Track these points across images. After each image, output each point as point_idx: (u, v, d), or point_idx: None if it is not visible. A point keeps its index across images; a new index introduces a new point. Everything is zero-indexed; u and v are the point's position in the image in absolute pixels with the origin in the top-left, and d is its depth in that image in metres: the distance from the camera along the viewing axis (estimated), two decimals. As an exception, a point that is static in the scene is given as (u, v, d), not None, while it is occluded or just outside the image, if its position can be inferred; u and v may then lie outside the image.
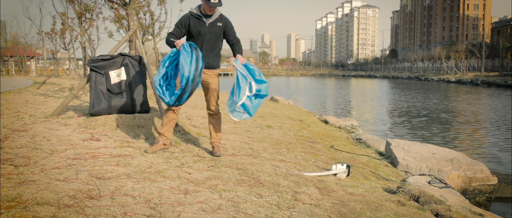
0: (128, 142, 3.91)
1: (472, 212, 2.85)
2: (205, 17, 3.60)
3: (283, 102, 11.87)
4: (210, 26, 3.62)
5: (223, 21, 3.68)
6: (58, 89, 10.66)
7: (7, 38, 35.45)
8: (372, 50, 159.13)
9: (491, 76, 42.95)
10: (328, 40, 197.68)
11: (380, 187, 3.33)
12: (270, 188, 2.82)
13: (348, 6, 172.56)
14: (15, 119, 4.99)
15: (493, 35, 79.52)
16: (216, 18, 3.64)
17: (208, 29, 3.61)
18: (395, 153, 4.66)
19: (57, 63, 25.48)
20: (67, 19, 13.83)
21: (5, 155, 3.14)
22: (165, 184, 2.71)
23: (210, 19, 3.61)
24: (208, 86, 3.74)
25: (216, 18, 3.63)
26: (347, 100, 21.99)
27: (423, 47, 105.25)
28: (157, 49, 11.47)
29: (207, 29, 3.61)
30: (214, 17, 3.62)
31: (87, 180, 2.63)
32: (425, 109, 16.57)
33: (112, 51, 4.99)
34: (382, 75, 76.47)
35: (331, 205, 2.59)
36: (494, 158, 7.37)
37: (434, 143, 7.47)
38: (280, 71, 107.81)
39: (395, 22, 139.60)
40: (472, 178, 4.23)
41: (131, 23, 5.13)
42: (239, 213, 2.28)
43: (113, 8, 8.61)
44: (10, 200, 2.15)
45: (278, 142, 4.83)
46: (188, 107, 7.38)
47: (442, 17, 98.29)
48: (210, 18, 3.61)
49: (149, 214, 2.14)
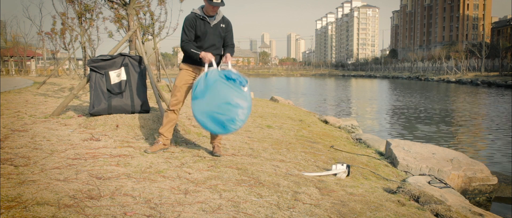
0: (128, 142, 3.91)
1: (472, 212, 2.85)
2: (209, 18, 3.63)
3: (283, 102, 11.87)
4: (214, 27, 3.66)
5: (225, 23, 3.73)
6: (58, 89, 10.67)
7: (7, 38, 35.49)
8: (372, 50, 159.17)
9: (491, 76, 42.95)
10: (328, 40, 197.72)
11: (380, 187, 3.33)
12: (270, 188, 2.82)
13: (348, 6, 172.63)
14: (15, 118, 4.99)
15: (493, 35, 79.54)
16: (220, 19, 3.69)
17: (212, 30, 3.65)
18: (395, 153, 4.66)
19: (57, 63, 25.49)
20: (67, 19, 13.83)
21: (5, 155, 3.14)
22: (165, 184, 2.71)
23: (214, 20, 3.65)
24: None
25: (219, 19, 3.68)
26: (347, 101, 21.99)
27: (423, 47, 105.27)
28: (157, 49, 11.47)
29: (212, 30, 3.64)
30: (218, 19, 3.67)
31: (87, 180, 2.63)
32: (425, 109, 16.57)
33: (112, 51, 4.99)
34: (382, 75, 76.47)
35: (331, 205, 2.59)
36: (494, 158, 7.37)
37: (434, 143, 7.47)
38: (280, 71, 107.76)
39: (395, 22, 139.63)
40: (472, 178, 4.23)
41: (131, 23, 5.13)
42: (239, 213, 2.28)
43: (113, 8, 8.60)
44: (10, 200, 2.15)
45: (278, 142, 4.83)
46: (187, 108, 7.38)
47: (442, 17, 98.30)
48: (214, 19, 3.65)
49: (149, 214, 2.14)
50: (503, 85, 34.50)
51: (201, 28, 3.61)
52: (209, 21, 3.62)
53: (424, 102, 19.79)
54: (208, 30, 3.63)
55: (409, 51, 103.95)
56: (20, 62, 36.76)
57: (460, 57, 57.71)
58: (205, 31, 3.62)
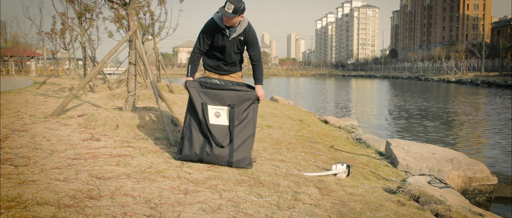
0: (128, 142, 3.91)
1: (472, 212, 2.85)
2: (228, 29, 3.26)
3: (283, 102, 11.87)
4: (232, 41, 3.31)
5: (244, 35, 3.31)
6: (58, 89, 10.67)
7: (7, 38, 35.48)
8: (372, 50, 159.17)
9: (491, 76, 42.95)
10: (328, 40, 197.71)
11: (380, 187, 3.33)
12: (270, 188, 2.82)
13: (348, 6, 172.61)
14: (15, 118, 4.99)
15: (493, 35, 79.50)
16: (241, 32, 3.29)
17: (230, 44, 3.32)
18: (395, 153, 4.66)
19: (57, 63, 25.48)
20: (67, 19, 13.81)
21: (5, 155, 3.14)
22: (165, 184, 2.71)
23: (234, 33, 3.27)
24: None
25: (240, 32, 3.28)
26: (347, 101, 21.99)
27: (423, 47, 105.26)
28: (157, 49, 11.47)
29: (229, 43, 3.31)
30: (239, 31, 3.27)
31: (87, 180, 2.63)
32: (425, 109, 16.57)
33: (112, 51, 4.99)
34: (382, 76, 76.45)
35: (331, 205, 2.59)
36: (494, 158, 7.37)
37: (434, 143, 7.47)
38: (280, 71, 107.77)
39: (395, 22, 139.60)
40: (472, 178, 4.23)
41: (131, 23, 5.13)
42: (239, 213, 2.28)
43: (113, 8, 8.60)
44: (10, 200, 2.15)
45: (278, 142, 4.83)
46: (188, 107, 7.37)
47: (442, 17, 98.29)
48: (234, 32, 3.27)
49: (149, 214, 2.14)
50: (503, 85, 34.49)
51: (219, 41, 3.30)
52: (228, 34, 3.27)
53: (424, 102, 19.78)
54: (226, 44, 3.30)
55: (409, 51, 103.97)
56: (20, 62, 36.76)
57: (460, 57, 57.71)
58: (222, 44, 3.32)
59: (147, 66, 5.25)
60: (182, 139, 3.31)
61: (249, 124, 3.28)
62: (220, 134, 3.22)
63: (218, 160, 3.22)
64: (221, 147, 3.20)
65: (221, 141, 3.22)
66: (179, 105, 7.49)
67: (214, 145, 3.20)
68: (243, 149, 3.25)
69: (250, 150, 3.30)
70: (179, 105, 7.58)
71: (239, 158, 3.23)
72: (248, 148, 3.27)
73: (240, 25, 3.26)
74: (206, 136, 3.22)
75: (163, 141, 4.10)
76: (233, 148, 3.22)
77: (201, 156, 3.23)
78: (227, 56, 3.42)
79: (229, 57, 3.44)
